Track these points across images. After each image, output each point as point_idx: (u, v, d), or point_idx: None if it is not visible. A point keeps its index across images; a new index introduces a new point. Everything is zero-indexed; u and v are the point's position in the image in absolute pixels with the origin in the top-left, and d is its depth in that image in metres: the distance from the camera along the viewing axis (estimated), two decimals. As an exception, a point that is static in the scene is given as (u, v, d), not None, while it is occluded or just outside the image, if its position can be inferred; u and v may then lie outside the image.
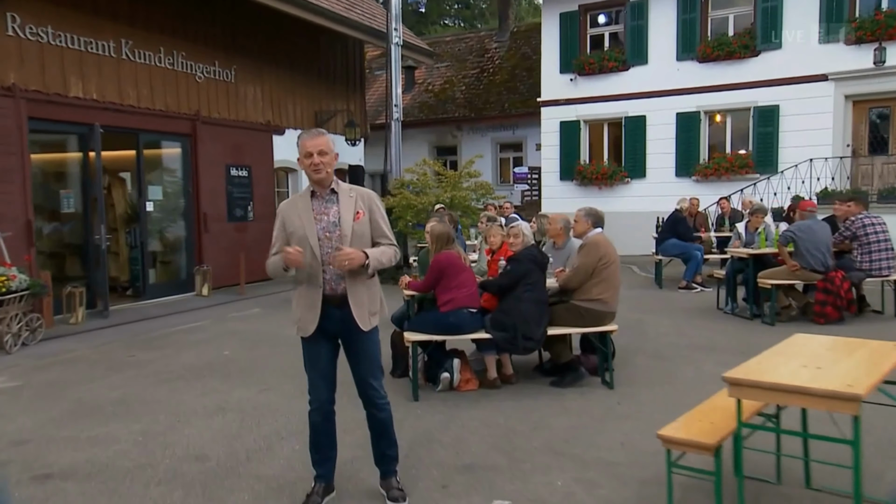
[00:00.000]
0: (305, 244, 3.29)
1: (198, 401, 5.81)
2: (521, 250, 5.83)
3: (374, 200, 3.41)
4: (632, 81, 16.12)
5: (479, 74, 23.20)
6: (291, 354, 7.49)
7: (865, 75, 13.70)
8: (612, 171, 16.27)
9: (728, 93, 15.03)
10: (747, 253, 8.47)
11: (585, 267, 5.74)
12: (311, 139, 3.32)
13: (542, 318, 5.67)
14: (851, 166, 14.09)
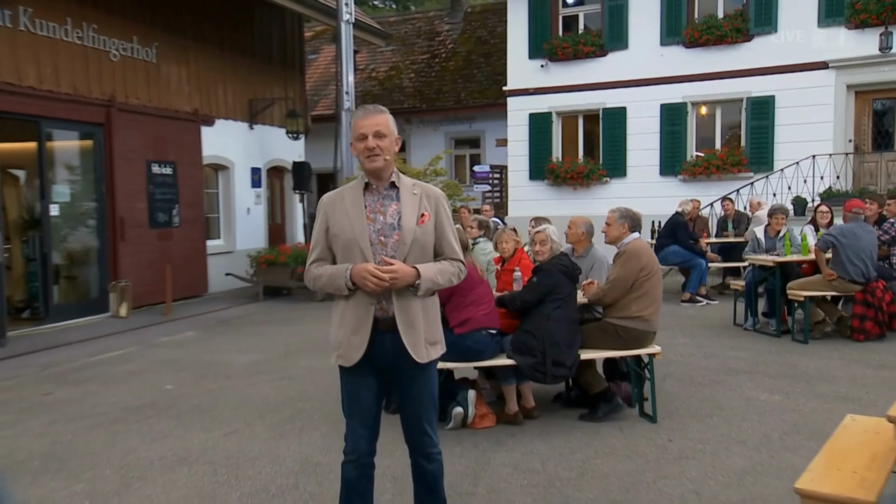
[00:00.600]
0: (353, 250, 3.05)
1: (149, 449, 5.20)
2: (549, 259, 5.48)
3: (441, 201, 3.18)
4: (610, 68, 16.10)
5: (430, 60, 22.90)
6: (250, 387, 6.93)
7: (869, 63, 13.99)
8: (589, 169, 16.19)
9: (718, 82, 15.16)
10: (773, 261, 8.33)
11: (624, 279, 5.46)
12: (365, 117, 3.05)
13: (574, 340, 5.37)
14: (854, 164, 14.36)
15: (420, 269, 3.01)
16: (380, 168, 3.06)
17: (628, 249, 5.55)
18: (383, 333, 3.05)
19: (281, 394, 6.67)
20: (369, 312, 3.04)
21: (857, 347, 7.70)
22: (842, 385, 6.31)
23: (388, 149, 3.06)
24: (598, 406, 5.59)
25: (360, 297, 3.03)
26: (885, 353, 7.45)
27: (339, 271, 3.05)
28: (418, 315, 3.08)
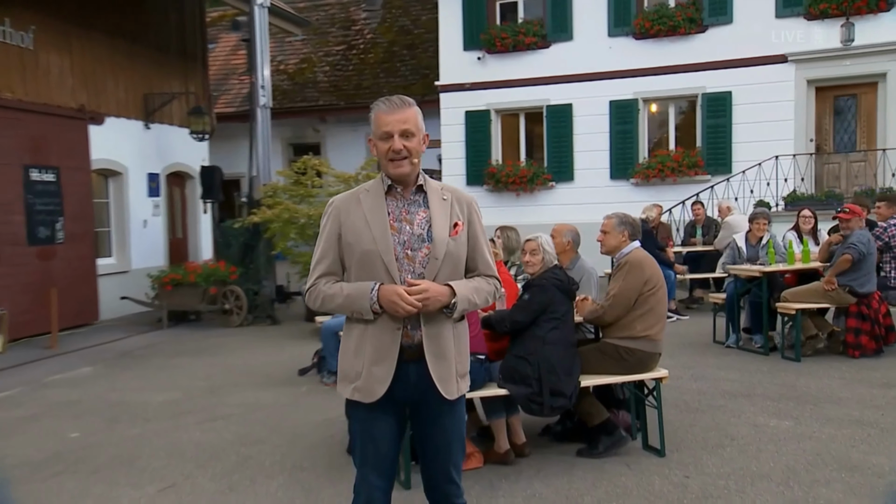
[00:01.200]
0: (374, 265, 2.92)
1: (70, 515, 4.73)
2: (542, 272, 5.32)
3: (474, 207, 3.10)
4: (554, 61, 16.23)
5: (346, 52, 22.63)
6: (177, 431, 6.52)
7: (830, 56, 14.57)
8: (533, 173, 16.25)
9: (671, 76, 15.48)
10: (760, 270, 8.42)
11: (627, 294, 5.36)
12: (391, 112, 2.92)
13: (573, 366, 5.25)
14: (817, 165, 14.85)
15: (455, 288, 2.91)
16: (406, 174, 2.94)
17: (630, 260, 5.45)
18: (407, 364, 2.93)
19: (217, 437, 6.27)
20: (395, 339, 2.91)
21: (854, 364, 7.84)
22: (852, 407, 6.37)
23: (417, 151, 2.94)
24: (599, 439, 5.44)
25: (385, 320, 2.90)
26: (886, 369, 7.60)
27: (362, 291, 2.89)
28: (449, 343, 2.98)
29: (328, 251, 3.01)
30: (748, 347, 8.86)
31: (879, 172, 14.09)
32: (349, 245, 2.94)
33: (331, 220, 3.02)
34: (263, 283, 12.78)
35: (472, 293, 2.97)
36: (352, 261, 2.95)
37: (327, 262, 3.01)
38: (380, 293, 2.84)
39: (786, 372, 7.69)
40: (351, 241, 2.93)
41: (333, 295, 2.95)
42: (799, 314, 8.07)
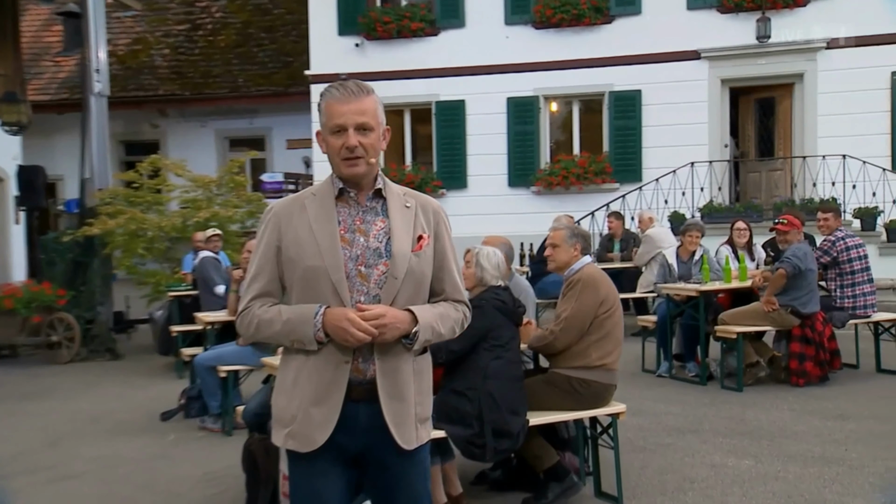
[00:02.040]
0: (320, 285, 2.84)
1: None
2: (479, 292, 5.26)
3: (442, 218, 3.06)
4: (444, 51, 16.35)
5: (191, 33, 22.00)
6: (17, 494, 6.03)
7: (745, 54, 15.34)
8: (421, 179, 16.28)
9: (575, 72, 15.88)
10: (697, 290, 8.66)
11: (581, 316, 5.39)
12: (345, 101, 2.85)
13: (520, 401, 5.22)
14: (741, 173, 15.54)
15: (416, 314, 2.85)
16: (361, 175, 2.89)
17: (583, 278, 5.47)
18: (356, 405, 2.87)
19: (75, 501, 5.85)
20: (342, 375, 2.83)
21: (801, 394, 8.17)
22: (811, 442, 6.62)
23: (375, 148, 2.88)
24: (548, 486, 5.40)
25: (330, 351, 2.83)
26: (836, 399, 7.96)
27: (304, 316, 2.81)
28: (408, 380, 2.92)
29: (264, 267, 2.93)
30: (681, 376, 9.08)
31: (799, 182, 14.84)
32: (290, 260, 2.86)
33: (268, 229, 2.93)
34: (99, 310, 12.16)
35: (437, 321, 2.91)
36: (293, 279, 2.86)
37: (263, 280, 2.92)
38: (326, 318, 2.76)
39: (730, 404, 7.92)
40: (293, 256, 2.85)
41: (270, 320, 2.86)
42: (740, 339, 8.34)
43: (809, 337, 8.34)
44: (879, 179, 14.20)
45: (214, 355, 7.49)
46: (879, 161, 14.46)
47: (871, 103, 14.96)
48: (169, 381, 9.76)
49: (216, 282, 9.70)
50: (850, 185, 14.25)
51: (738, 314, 8.55)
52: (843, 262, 8.76)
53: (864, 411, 7.51)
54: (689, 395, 8.34)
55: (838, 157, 14.35)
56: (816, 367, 8.41)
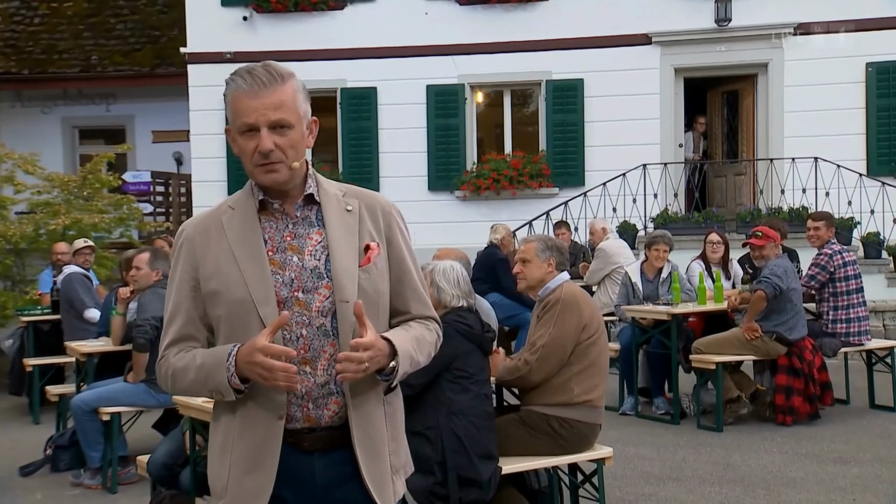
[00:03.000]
0: (248, 321, 2.75)
1: None
2: (442, 315, 5.12)
3: (394, 219, 2.99)
4: (351, 29, 16.23)
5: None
6: None
7: (702, 39, 15.63)
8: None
9: (507, 56, 15.91)
10: (668, 312, 8.69)
11: (561, 343, 5.43)
12: (253, 94, 2.72)
13: (491, 442, 5.17)
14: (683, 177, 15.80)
15: (394, 342, 2.75)
16: (282, 182, 2.77)
17: (563, 298, 5.49)
18: (308, 456, 2.79)
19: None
20: (274, 434, 2.74)
21: (790, 434, 8.29)
22: (813, 491, 6.71)
23: (297, 148, 2.76)
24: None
25: (259, 403, 2.75)
26: (831, 440, 8.10)
27: (218, 358, 2.71)
28: (380, 426, 2.87)
29: (180, 306, 2.83)
30: (648, 414, 9.12)
31: (766, 189, 15.14)
32: (214, 295, 2.76)
33: (181, 258, 2.84)
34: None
35: (414, 347, 2.83)
36: (218, 317, 2.78)
37: (179, 321, 2.83)
38: (238, 358, 2.65)
39: (711, 446, 7.99)
40: (214, 289, 2.76)
41: (185, 368, 2.76)
42: (720, 370, 8.40)
43: (797, 368, 8.45)
44: (855, 186, 14.59)
45: (97, 395, 7.19)
46: (854, 165, 14.88)
47: (845, 98, 15.39)
48: (24, 426, 9.47)
49: (87, 304, 9.36)
50: (823, 193, 14.59)
51: (714, 342, 8.63)
52: (839, 281, 8.92)
53: (865, 454, 7.63)
54: (661, 435, 8.39)
55: (809, 160, 14.71)
56: (805, 403, 8.53)
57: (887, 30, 15.42)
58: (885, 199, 14.51)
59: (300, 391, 2.73)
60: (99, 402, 7.10)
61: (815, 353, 8.62)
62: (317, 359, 2.73)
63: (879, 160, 15.39)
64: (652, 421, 8.95)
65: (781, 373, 8.49)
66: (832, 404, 8.94)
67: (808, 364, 8.48)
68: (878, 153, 15.43)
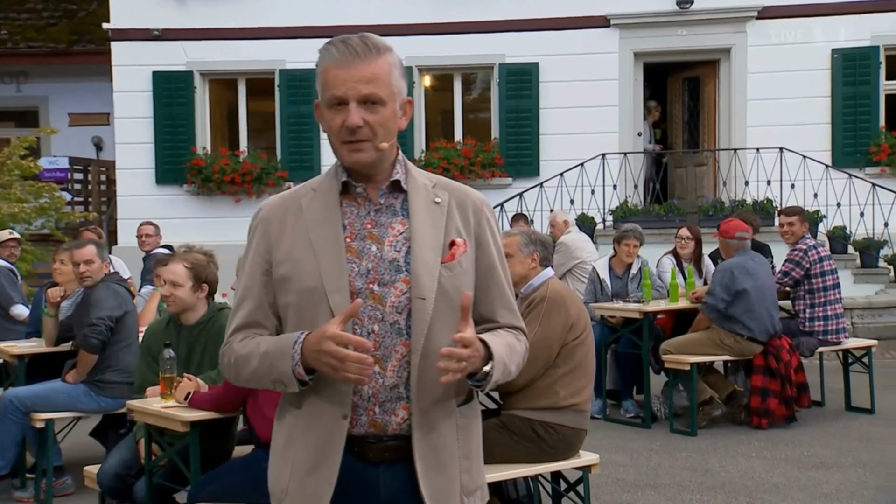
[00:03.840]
0: (317, 310, 2.71)
1: None
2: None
3: (486, 216, 2.91)
4: (291, 7, 16.18)
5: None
6: None
7: (663, 22, 15.80)
8: (261, 168, 16.12)
9: (457, 38, 15.92)
10: (640, 310, 8.78)
11: (547, 344, 5.44)
12: (347, 64, 2.67)
13: None
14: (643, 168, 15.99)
15: (491, 345, 2.66)
16: (368, 164, 2.72)
17: (549, 296, 5.52)
18: (375, 469, 2.74)
19: None
20: (337, 434, 2.70)
21: (766, 437, 8.38)
22: (798, 499, 6.80)
23: (387, 127, 2.71)
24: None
25: (323, 399, 2.71)
26: (810, 444, 8.21)
27: (282, 346, 2.67)
28: (450, 440, 2.78)
29: (250, 291, 2.81)
30: (617, 417, 9.19)
31: (730, 180, 15.35)
32: (284, 281, 2.73)
33: (256, 240, 2.81)
34: None
35: (507, 355, 2.74)
36: (287, 303, 2.74)
37: (248, 306, 2.80)
38: (305, 346, 2.60)
39: (686, 451, 8.06)
40: (286, 275, 2.73)
41: (248, 355, 2.73)
42: (694, 371, 8.49)
43: (774, 368, 8.54)
44: (822, 178, 14.84)
45: (32, 393, 7.00)
46: (819, 156, 15.14)
47: (810, 86, 15.67)
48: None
49: (14, 300, 9.19)
50: (789, 185, 14.83)
51: (685, 343, 8.71)
52: (815, 277, 9.03)
53: (846, 459, 7.74)
54: (633, 440, 8.44)
55: (774, 151, 14.94)
56: (781, 406, 8.62)
57: (854, 14, 15.71)
58: (852, 192, 14.73)
59: (367, 392, 2.69)
60: (34, 401, 6.85)
61: (793, 352, 8.72)
62: (387, 358, 2.68)
63: (845, 151, 15.68)
64: (621, 425, 9.00)
65: (757, 374, 8.56)
66: (809, 406, 9.06)
67: (784, 364, 8.56)
68: (843, 144, 15.73)
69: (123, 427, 6.88)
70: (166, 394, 5.41)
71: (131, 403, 5.61)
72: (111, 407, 6.90)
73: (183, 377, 5.36)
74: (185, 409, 5.22)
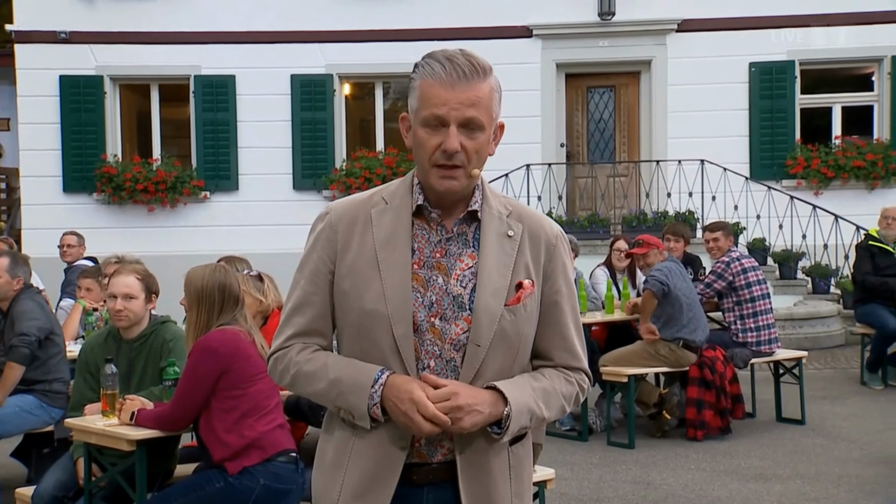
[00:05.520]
0: (377, 335, 2.68)
1: None
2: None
3: (560, 252, 2.84)
4: (206, 11, 16.11)
5: None
6: None
7: (585, 34, 16.02)
8: (175, 177, 15.90)
9: (379, 45, 15.95)
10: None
11: None
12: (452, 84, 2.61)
13: None
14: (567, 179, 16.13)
15: (505, 392, 2.63)
16: (458, 191, 2.66)
17: None
18: (420, 490, 2.74)
19: None
20: (394, 461, 2.68)
21: (702, 449, 8.46)
22: (743, 511, 6.89)
23: (481, 154, 2.65)
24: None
25: (386, 428, 2.67)
26: (747, 455, 8.32)
27: (358, 381, 2.64)
28: (501, 477, 2.76)
29: (311, 296, 2.73)
30: (552, 430, 9.18)
31: (653, 191, 15.56)
32: (345, 297, 2.69)
33: (321, 245, 2.74)
34: None
35: (537, 400, 2.70)
36: (345, 322, 2.71)
37: (309, 314, 2.73)
38: (386, 390, 2.57)
39: (625, 464, 8.10)
40: (347, 290, 2.68)
41: (313, 374, 2.68)
42: (632, 383, 8.55)
43: (709, 380, 8.63)
44: (742, 190, 15.14)
45: None
46: (739, 168, 15.47)
47: (729, 99, 16.03)
48: None
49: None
50: (710, 197, 15.09)
51: (621, 356, 8.77)
52: (741, 288, 9.17)
53: (783, 470, 7.85)
54: (571, 453, 8.45)
55: (696, 163, 15.18)
56: (717, 417, 8.71)
57: (770, 29, 16.04)
58: (771, 205, 15.11)
59: None
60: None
61: (727, 364, 8.85)
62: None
63: (762, 163, 16.04)
64: (557, 438, 8.99)
65: (693, 385, 8.65)
66: (742, 418, 9.21)
67: (719, 376, 8.67)
68: (760, 156, 16.10)
69: (47, 447, 6.70)
70: (108, 411, 5.25)
71: (70, 422, 5.45)
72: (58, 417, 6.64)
73: (125, 398, 5.21)
74: (131, 428, 5.10)
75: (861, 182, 15.81)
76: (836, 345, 13.44)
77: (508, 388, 2.62)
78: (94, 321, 7.85)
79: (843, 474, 7.67)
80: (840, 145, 16.13)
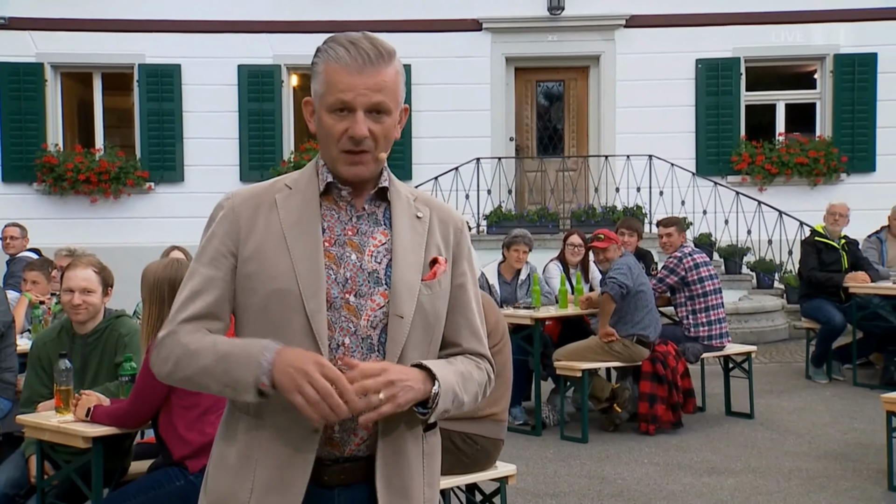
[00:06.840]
0: (289, 315, 2.60)
1: None
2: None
3: (465, 238, 2.86)
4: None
5: None
6: None
7: (535, 28, 16.04)
8: (119, 167, 15.75)
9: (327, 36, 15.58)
10: (531, 317, 8.85)
11: None
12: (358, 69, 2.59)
13: None
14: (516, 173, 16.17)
15: (434, 370, 2.57)
16: (365, 176, 2.65)
17: None
18: (330, 492, 2.64)
19: None
20: (307, 448, 2.57)
21: (655, 444, 8.53)
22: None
23: (388, 138, 2.64)
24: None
25: (292, 409, 2.48)
26: (699, 450, 8.39)
27: (248, 352, 2.50)
28: (416, 468, 2.71)
29: (213, 282, 2.62)
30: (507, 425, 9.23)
31: (602, 186, 15.64)
32: (250, 279, 2.60)
33: (223, 230, 2.64)
34: None
35: (459, 382, 2.64)
36: (248, 306, 2.62)
37: (207, 299, 2.61)
38: (276, 360, 2.45)
39: (579, 458, 8.14)
40: (252, 272, 2.60)
41: (197, 351, 2.54)
42: (586, 377, 8.59)
43: (661, 374, 8.68)
44: (689, 186, 15.26)
45: None
46: (686, 164, 15.59)
47: (676, 95, 16.13)
48: None
49: None
50: (658, 192, 15.21)
51: (575, 350, 8.80)
52: (693, 283, 9.24)
53: (735, 464, 7.92)
54: (525, 448, 8.46)
55: (644, 158, 15.26)
56: (668, 411, 8.78)
57: (716, 26, 16.18)
58: (717, 200, 15.26)
59: None
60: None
61: (679, 358, 8.92)
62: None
63: (708, 159, 16.18)
64: (511, 432, 8.99)
65: (645, 380, 8.71)
66: (693, 412, 9.29)
67: (671, 371, 8.74)
68: (706, 152, 16.22)
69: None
70: (62, 408, 5.14)
71: (22, 418, 5.33)
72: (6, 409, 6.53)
73: (80, 394, 5.11)
74: (87, 424, 4.99)
75: (804, 179, 15.96)
76: (780, 339, 13.61)
77: (435, 366, 2.58)
78: (41, 314, 7.72)
79: (794, 468, 7.74)
80: (784, 142, 16.28)
